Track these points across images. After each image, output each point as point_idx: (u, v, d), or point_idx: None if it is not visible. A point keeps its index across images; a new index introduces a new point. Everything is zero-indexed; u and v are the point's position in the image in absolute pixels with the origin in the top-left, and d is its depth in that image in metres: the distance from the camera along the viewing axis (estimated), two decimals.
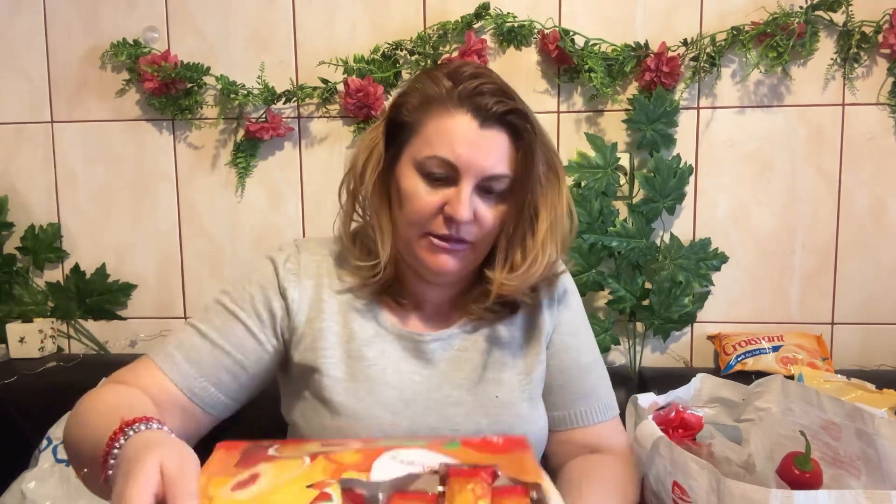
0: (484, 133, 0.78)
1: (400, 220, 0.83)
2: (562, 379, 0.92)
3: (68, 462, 1.17)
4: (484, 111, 0.77)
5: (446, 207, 0.79)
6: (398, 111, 0.82)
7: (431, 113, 0.79)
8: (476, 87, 0.78)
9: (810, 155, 1.41)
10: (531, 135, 0.79)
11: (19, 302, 1.56)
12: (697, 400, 1.14)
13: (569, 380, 0.92)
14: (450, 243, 0.81)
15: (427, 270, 0.83)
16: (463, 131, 0.77)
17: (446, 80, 0.79)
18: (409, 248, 0.83)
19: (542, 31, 1.40)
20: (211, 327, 0.83)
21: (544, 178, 0.82)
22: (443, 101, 0.79)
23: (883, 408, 1.03)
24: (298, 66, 1.48)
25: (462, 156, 0.77)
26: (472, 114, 0.78)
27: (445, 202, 0.79)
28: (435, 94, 0.79)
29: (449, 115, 0.78)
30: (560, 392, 0.92)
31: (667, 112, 1.37)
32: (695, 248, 1.41)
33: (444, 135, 0.78)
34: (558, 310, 0.93)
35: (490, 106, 0.77)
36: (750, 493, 0.77)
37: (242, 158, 1.49)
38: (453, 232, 0.80)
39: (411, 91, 0.82)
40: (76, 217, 1.57)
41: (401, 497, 0.52)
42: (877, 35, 1.35)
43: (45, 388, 1.38)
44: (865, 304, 1.43)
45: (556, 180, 0.84)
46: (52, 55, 1.53)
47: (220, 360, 0.82)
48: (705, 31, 1.38)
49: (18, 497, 1.13)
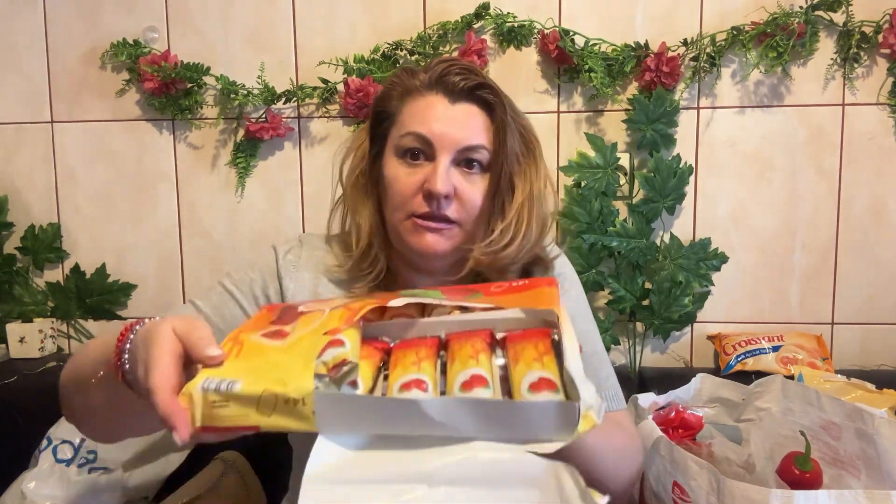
0: (455, 108, 0.82)
1: (387, 209, 0.86)
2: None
3: (68, 462, 1.17)
4: (452, 88, 0.82)
5: (425, 184, 0.81)
6: (380, 105, 0.87)
7: (407, 101, 0.84)
8: (444, 69, 0.82)
9: (810, 155, 1.41)
10: (502, 107, 0.82)
11: (19, 302, 1.56)
12: (697, 400, 1.14)
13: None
14: (433, 222, 0.82)
15: (415, 253, 0.84)
16: (435, 109, 0.82)
17: (422, 73, 0.85)
18: (397, 234, 0.85)
19: (542, 31, 1.40)
20: (208, 304, 0.87)
21: (520, 154, 0.84)
22: (417, 88, 0.84)
23: (883, 408, 1.03)
24: (298, 66, 1.48)
25: (435, 130, 0.81)
26: (443, 93, 0.82)
27: (425, 180, 0.81)
28: (411, 84, 0.84)
29: (422, 97, 0.83)
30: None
31: (667, 112, 1.37)
32: (695, 248, 1.41)
33: (418, 114, 0.82)
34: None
35: (458, 83, 0.82)
36: (750, 493, 0.77)
37: (242, 158, 1.49)
38: (434, 209, 0.81)
39: (391, 86, 0.87)
40: (76, 217, 1.57)
41: (405, 344, 0.55)
42: (877, 35, 1.35)
43: (45, 388, 1.37)
44: (865, 304, 1.43)
45: (533, 159, 0.86)
46: (52, 55, 1.53)
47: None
48: (705, 31, 1.38)
49: (18, 497, 1.13)
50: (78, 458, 1.18)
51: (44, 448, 1.19)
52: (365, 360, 0.53)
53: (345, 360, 0.51)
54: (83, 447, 1.18)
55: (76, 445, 1.18)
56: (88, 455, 1.18)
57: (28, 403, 1.35)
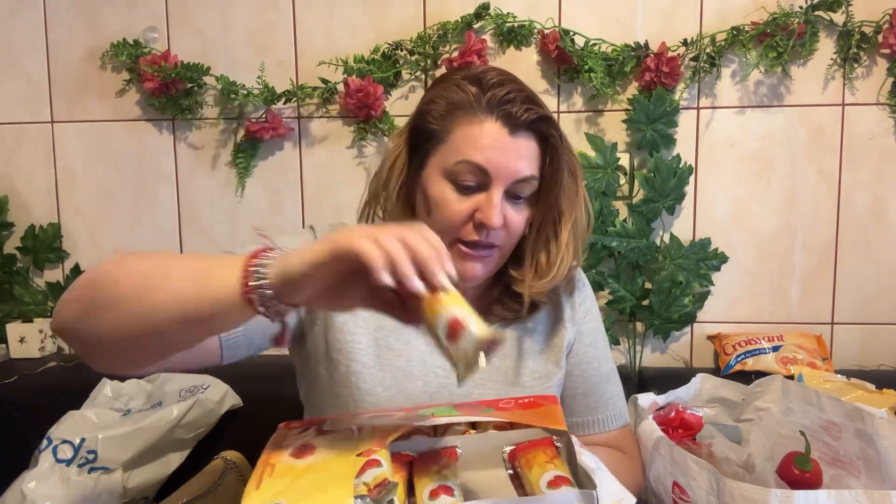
0: (514, 139, 0.79)
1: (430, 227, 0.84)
2: (584, 387, 0.94)
3: (68, 462, 1.17)
4: (514, 119, 0.79)
5: (477, 214, 0.80)
6: (423, 119, 0.83)
7: (459, 120, 0.80)
8: (505, 94, 0.79)
9: (810, 155, 1.41)
10: (557, 140, 0.81)
11: (19, 302, 1.56)
12: (697, 400, 1.14)
13: (592, 388, 0.94)
14: (478, 250, 0.82)
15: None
16: (493, 138, 0.78)
17: (471, 87, 0.80)
18: None
19: (542, 31, 1.40)
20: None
21: (568, 186, 0.84)
22: (471, 107, 0.79)
23: (883, 408, 1.03)
24: (298, 66, 1.48)
25: (493, 160, 0.78)
26: (502, 121, 0.79)
27: (476, 209, 0.80)
28: (461, 100, 0.80)
29: (478, 121, 0.79)
30: (582, 399, 0.94)
31: (667, 112, 1.37)
32: (695, 248, 1.41)
33: (473, 141, 0.79)
34: (581, 320, 0.94)
35: (520, 114, 0.78)
36: (750, 493, 0.77)
37: (243, 158, 1.49)
38: (483, 238, 0.81)
39: (436, 98, 0.82)
40: (76, 217, 1.57)
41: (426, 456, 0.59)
42: (877, 35, 1.35)
43: (45, 388, 1.38)
44: (865, 304, 1.43)
45: (575, 182, 0.86)
46: (52, 55, 1.53)
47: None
48: (705, 31, 1.38)
49: (18, 497, 1.13)
50: (78, 458, 1.18)
51: (44, 448, 1.19)
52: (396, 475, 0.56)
53: (386, 480, 0.53)
54: (83, 447, 1.18)
55: (76, 445, 1.18)
56: (88, 455, 1.18)
57: (28, 403, 1.35)
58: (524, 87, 0.82)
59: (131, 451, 1.19)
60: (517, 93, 0.80)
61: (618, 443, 0.95)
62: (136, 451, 1.20)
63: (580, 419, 0.95)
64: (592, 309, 0.97)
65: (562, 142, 0.82)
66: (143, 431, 1.19)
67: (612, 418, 0.96)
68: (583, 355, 0.94)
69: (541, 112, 0.80)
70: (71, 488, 1.15)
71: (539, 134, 0.81)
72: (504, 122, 0.79)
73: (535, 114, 0.79)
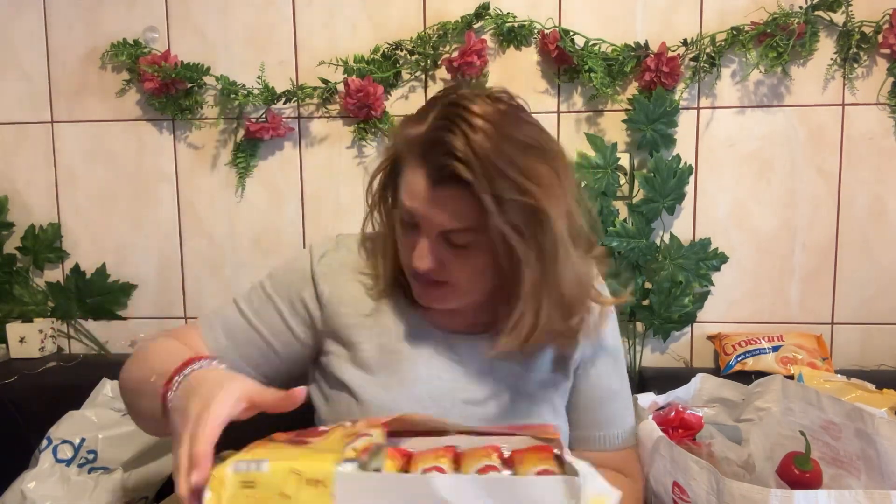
0: (436, 191, 0.74)
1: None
2: (587, 401, 0.93)
3: (68, 462, 1.17)
4: (437, 169, 0.72)
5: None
6: (391, 151, 0.82)
7: (406, 160, 0.77)
8: (434, 138, 0.72)
9: (810, 155, 1.41)
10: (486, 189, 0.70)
11: (19, 302, 1.56)
12: (697, 400, 1.14)
13: (597, 403, 0.93)
14: (423, 282, 0.80)
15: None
16: (418, 187, 0.74)
17: (421, 125, 0.75)
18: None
19: (542, 31, 1.40)
20: (249, 308, 0.89)
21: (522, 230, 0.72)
22: (412, 149, 0.76)
23: (883, 408, 1.03)
24: (298, 66, 1.48)
25: (417, 210, 0.75)
26: (426, 170, 0.74)
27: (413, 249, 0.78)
28: (409, 137, 0.76)
29: (411, 168, 0.76)
30: (584, 412, 0.93)
31: (667, 112, 1.37)
32: (695, 248, 1.41)
33: (407, 186, 0.76)
34: (601, 332, 0.90)
35: (442, 164, 0.71)
36: (750, 493, 0.77)
37: (242, 158, 1.49)
38: (423, 274, 0.79)
39: (395, 132, 0.81)
40: (76, 217, 1.57)
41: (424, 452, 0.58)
42: (877, 35, 1.35)
43: (45, 388, 1.38)
44: (865, 304, 1.43)
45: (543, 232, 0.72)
46: (52, 55, 1.53)
47: (252, 339, 0.88)
48: (705, 31, 1.38)
49: (18, 497, 1.13)
50: (78, 458, 1.18)
51: (44, 448, 1.19)
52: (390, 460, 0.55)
53: (373, 445, 0.54)
54: (83, 447, 1.18)
55: (76, 445, 1.18)
56: (88, 455, 1.18)
57: (28, 403, 1.35)
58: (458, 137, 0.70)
59: (131, 451, 1.20)
60: (445, 143, 0.71)
61: (620, 464, 0.93)
62: (136, 450, 1.20)
63: (583, 433, 0.93)
64: (609, 320, 0.93)
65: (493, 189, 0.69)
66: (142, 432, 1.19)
67: (616, 437, 0.94)
68: (592, 370, 0.93)
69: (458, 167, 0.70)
70: (71, 488, 1.16)
71: (467, 184, 0.71)
72: (428, 172, 0.73)
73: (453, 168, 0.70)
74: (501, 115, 0.73)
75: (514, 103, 0.77)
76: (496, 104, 0.74)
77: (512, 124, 0.73)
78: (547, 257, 0.73)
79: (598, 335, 0.89)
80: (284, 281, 0.89)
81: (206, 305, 1.56)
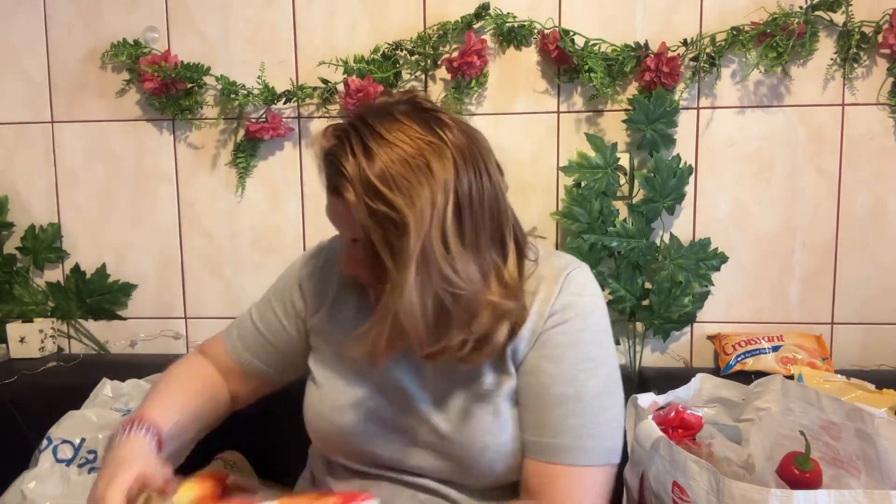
0: (332, 202, 0.79)
1: None
2: (526, 401, 0.84)
3: (68, 462, 1.17)
4: (329, 182, 0.77)
5: None
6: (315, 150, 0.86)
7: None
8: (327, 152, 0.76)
9: (810, 155, 1.41)
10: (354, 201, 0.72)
11: (19, 302, 1.56)
12: (697, 400, 1.14)
13: (536, 407, 0.83)
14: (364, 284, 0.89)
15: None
16: (327, 197, 0.80)
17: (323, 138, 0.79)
18: None
19: (542, 31, 1.40)
20: (256, 311, 1.01)
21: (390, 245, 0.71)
22: (319, 160, 0.81)
23: (883, 408, 1.03)
24: (298, 66, 1.48)
25: (329, 218, 0.83)
26: (326, 182, 0.79)
27: None
28: (317, 150, 0.81)
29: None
30: (525, 412, 0.84)
31: (667, 112, 1.37)
32: (695, 248, 1.41)
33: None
34: (547, 327, 0.82)
35: (331, 178, 0.76)
36: (750, 493, 0.77)
37: (242, 158, 1.49)
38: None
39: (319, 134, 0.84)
40: (76, 217, 1.57)
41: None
42: (877, 35, 1.35)
43: (45, 388, 1.38)
44: (865, 304, 1.43)
45: (408, 247, 0.69)
46: (52, 55, 1.53)
47: (258, 338, 0.99)
48: (705, 31, 1.38)
49: (18, 497, 1.13)
50: (78, 457, 1.18)
51: (44, 448, 1.19)
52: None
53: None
54: (83, 447, 1.18)
55: (76, 445, 1.18)
56: (88, 455, 1.18)
57: (28, 403, 1.35)
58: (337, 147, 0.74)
59: None
60: (329, 156, 0.75)
61: (550, 484, 0.80)
62: None
63: (528, 437, 0.83)
64: (573, 321, 0.82)
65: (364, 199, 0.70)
66: None
67: (548, 449, 0.81)
68: (534, 367, 0.82)
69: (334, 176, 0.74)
70: (71, 488, 1.15)
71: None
72: (327, 184, 0.78)
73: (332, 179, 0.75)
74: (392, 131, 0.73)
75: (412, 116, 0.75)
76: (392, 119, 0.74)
77: (402, 142, 0.72)
78: (415, 282, 0.70)
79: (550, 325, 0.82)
80: (279, 286, 1.01)
81: (206, 305, 1.56)
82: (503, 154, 0.79)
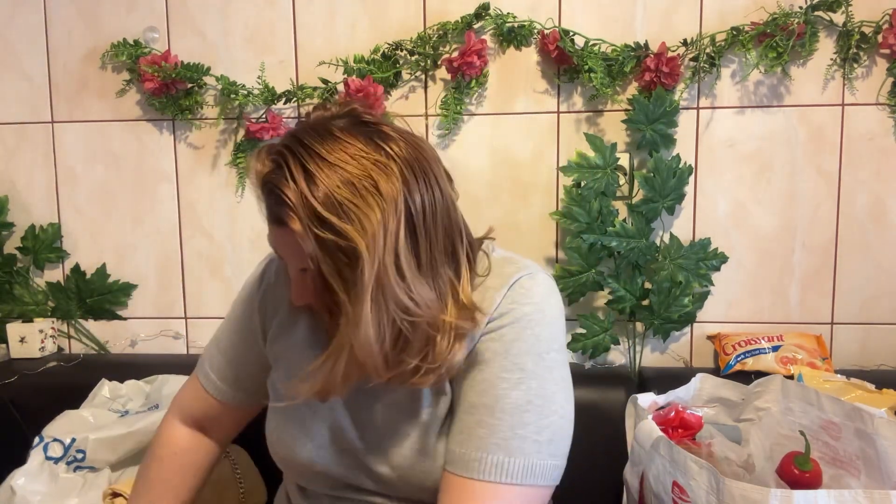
0: (276, 232, 0.72)
1: None
2: (452, 409, 0.80)
3: (56, 460, 1.18)
4: (270, 212, 0.71)
5: None
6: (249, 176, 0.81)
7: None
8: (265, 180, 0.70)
9: (810, 155, 1.41)
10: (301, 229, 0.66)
11: (19, 302, 1.57)
12: (697, 400, 1.14)
13: (457, 411, 0.79)
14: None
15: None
16: (268, 226, 0.73)
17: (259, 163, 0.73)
18: None
19: (541, 31, 1.40)
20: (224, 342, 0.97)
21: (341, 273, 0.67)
22: (256, 189, 0.74)
23: (883, 408, 1.03)
24: (298, 66, 1.48)
25: (273, 248, 0.77)
26: (266, 212, 0.72)
27: None
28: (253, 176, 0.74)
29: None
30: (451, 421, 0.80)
31: (666, 112, 1.37)
32: (694, 249, 1.41)
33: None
34: (482, 338, 0.77)
35: (272, 207, 0.70)
36: (749, 493, 0.77)
37: (243, 158, 1.49)
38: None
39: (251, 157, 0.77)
40: (76, 217, 1.57)
41: None
42: (876, 35, 1.35)
43: (45, 388, 1.38)
44: (865, 304, 1.43)
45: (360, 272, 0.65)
46: (52, 55, 1.53)
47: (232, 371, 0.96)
48: (705, 32, 1.38)
49: (8, 493, 1.14)
50: (67, 456, 1.18)
51: (35, 445, 1.19)
52: None
53: None
54: (73, 446, 1.18)
55: (66, 444, 1.18)
56: (77, 454, 1.18)
57: (28, 403, 1.36)
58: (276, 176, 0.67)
59: (120, 453, 1.20)
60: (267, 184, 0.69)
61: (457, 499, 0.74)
62: (126, 453, 1.20)
63: (448, 446, 0.78)
64: (507, 329, 0.76)
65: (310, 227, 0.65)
66: (135, 434, 1.19)
67: (463, 460, 0.74)
68: (462, 375, 0.78)
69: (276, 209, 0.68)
70: (59, 485, 1.16)
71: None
72: (267, 214, 0.72)
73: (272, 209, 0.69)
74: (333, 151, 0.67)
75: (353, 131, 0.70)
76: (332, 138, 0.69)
77: (345, 162, 0.67)
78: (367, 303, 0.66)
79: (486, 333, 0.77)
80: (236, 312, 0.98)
81: (205, 305, 1.56)
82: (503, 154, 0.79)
